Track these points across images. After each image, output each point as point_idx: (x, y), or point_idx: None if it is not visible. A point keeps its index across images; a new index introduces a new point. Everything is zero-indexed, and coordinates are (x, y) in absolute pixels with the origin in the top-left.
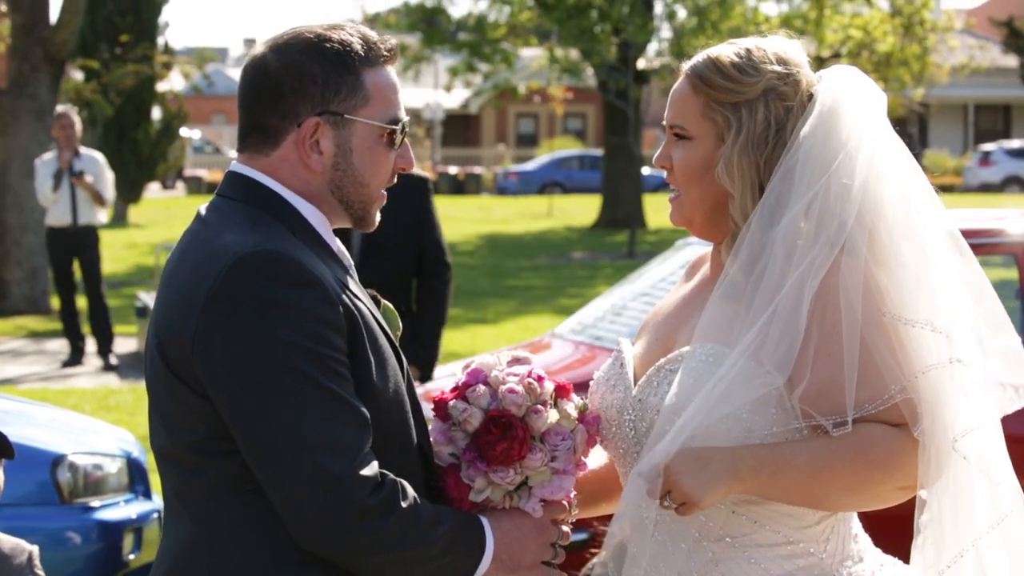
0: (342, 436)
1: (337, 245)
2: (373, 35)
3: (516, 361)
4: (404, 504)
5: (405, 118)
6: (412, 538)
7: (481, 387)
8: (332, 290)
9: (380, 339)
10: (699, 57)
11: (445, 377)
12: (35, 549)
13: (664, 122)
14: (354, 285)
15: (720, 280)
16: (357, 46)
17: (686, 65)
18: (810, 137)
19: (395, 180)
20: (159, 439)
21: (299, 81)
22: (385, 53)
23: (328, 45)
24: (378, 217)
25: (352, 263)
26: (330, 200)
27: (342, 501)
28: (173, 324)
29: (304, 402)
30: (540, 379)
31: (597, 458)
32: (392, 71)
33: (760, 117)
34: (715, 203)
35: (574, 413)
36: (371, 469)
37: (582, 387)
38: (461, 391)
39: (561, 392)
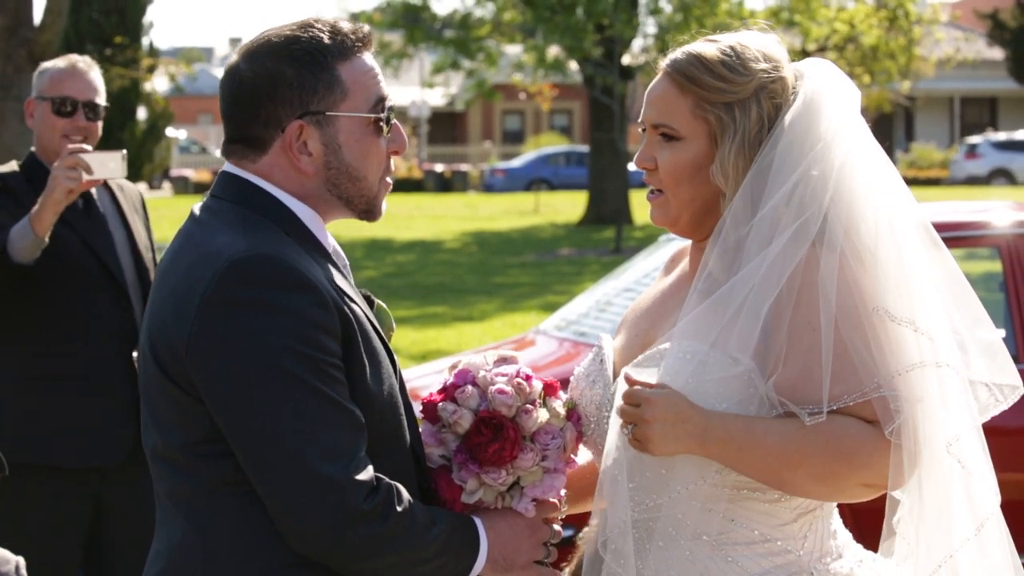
0: (337, 440)
1: (332, 244)
2: (344, 25)
3: (503, 360)
4: (399, 508)
5: (390, 102)
6: (407, 541)
7: (470, 388)
8: (326, 293)
9: (374, 341)
10: (679, 55)
11: (428, 375)
12: (21, 560)
13: (642, 121)
14: (348, 286)
15: (698, 276)
16: (327, 41)
17: (664, 63)
18: (790, 131)
19: (393, 166)
20: (151, 439)
21: (274, 88)
22: (357, 42)
23: (297, 46)
24: (384, 207)
25: (347, 262)
26: (328, 198)
27: (337, 505)
28: (166, 326)
29: (298, 406)
30: (528, 378)
31: (585, 453)
32: (368, 57)
33: (754, 116)
34: (703, 203)
35: (563, 411)
36: (366, 473)
37: (567, 384)
38: (449, 392)
39: (549, 390)
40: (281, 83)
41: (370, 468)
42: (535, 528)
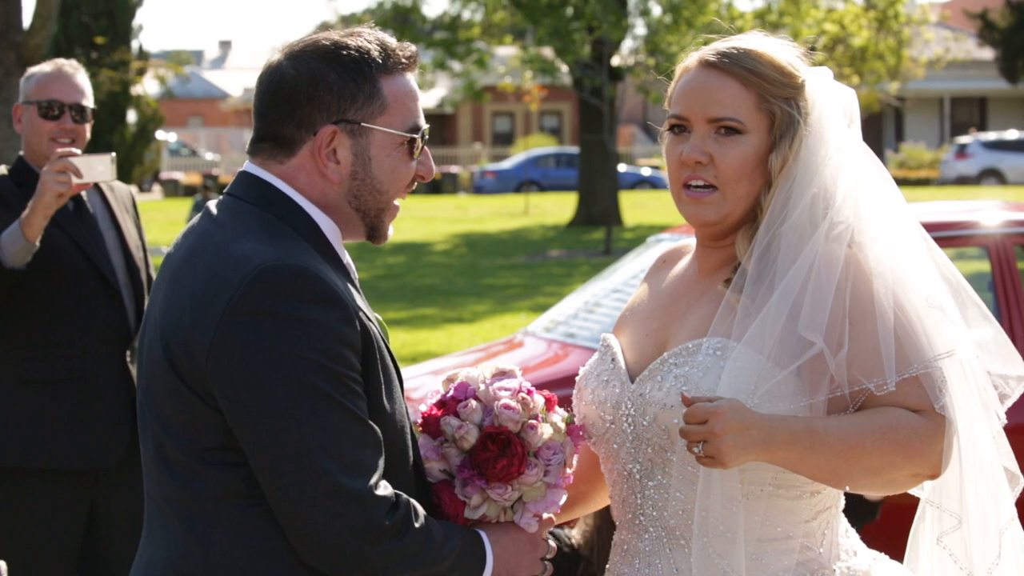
0: (360, 455)
1: (346, 258)
2: (392, 42)
3: (501, 373)
4: (417, 524)
5: (425, 126)
6: (424, 558)
7: (473, 402)
8: (352, 308)
9: (388, 360)
10: (731, 51)
11: (419, 376)
12: (3, 564)
13: (686, 117)
14: (362, 301)
15: (738, 274)
16: (375, 53)
17: (710, 58)
18: (814, 133)
19: (414, 187)
20: (154, 439)
21: (314, 89)
22: (404, 60)
23: (344, 52)
24: (391, 231)
25: (357, 276)
26: (346, 210)
27: (360, 520)
28: (184, 329)
29: (323, 421)
30: (531, 393)
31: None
32: (412, 79)
33: (803, 111)
34: (753, 201)
35: (563, 426)
36: (387, 489)
37: (556, 384)
38: (450, 407)
39: (548, 405)
40: (322, 85)
41: (389, 484)
42: (536, 543)
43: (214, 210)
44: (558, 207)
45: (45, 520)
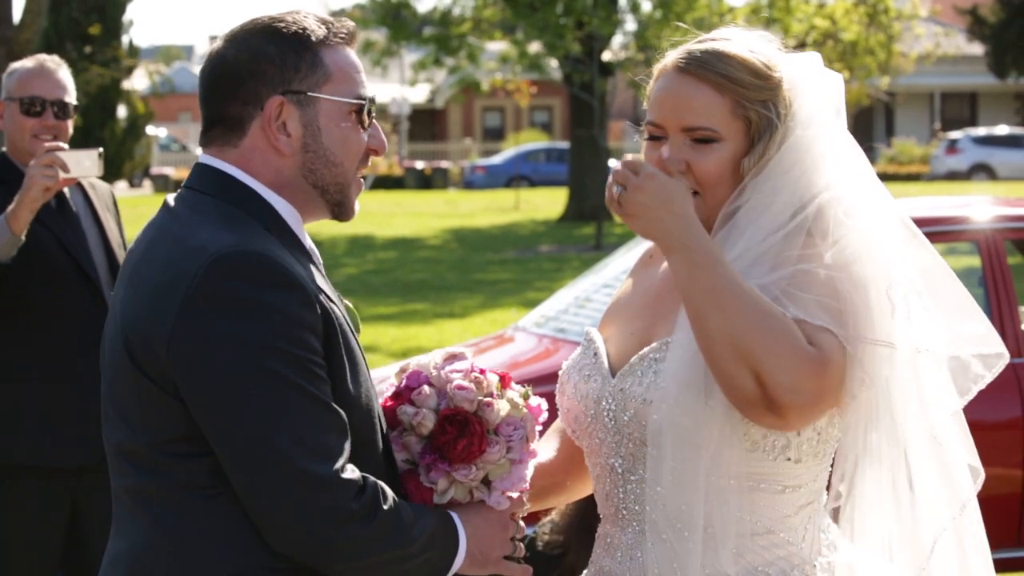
0: (325, 440)
1: (308, 242)
2: (329, 18)
3: (452, 357)
4: (385, 507)
5: (371, 95)
6: (393, 540)
7: (427, 388)
8: (311, 292)
9: (353, 343)
10: (702, 55)
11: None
12: None
13: (660, 124)
14: (326, 285)
15: None
16: (314, 26)
17: (682, 63)
18: (796, 132)
19: (369, 163)
20: (116, 433)
21: (256, 64)
22: (342, 34)
23: (283, 25)
24: (358, 206)
25: (321, 261)
26: (304, 188)
27: (327, 505)
28: (143, 322)
29: (286, 406)
30: (483, 372)
31: (544, 452)
32: (351, 52)
33: (781, 110)
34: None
35: (521, 401)
36: (354, 473)
37: (546, 380)
38: (405, 396)
39: (503, 383)
40: (263, 59)
41: (356, 468)
42: (506, 523)
43: (172, 203)
44: (548, 202)
45: (27, 517)
